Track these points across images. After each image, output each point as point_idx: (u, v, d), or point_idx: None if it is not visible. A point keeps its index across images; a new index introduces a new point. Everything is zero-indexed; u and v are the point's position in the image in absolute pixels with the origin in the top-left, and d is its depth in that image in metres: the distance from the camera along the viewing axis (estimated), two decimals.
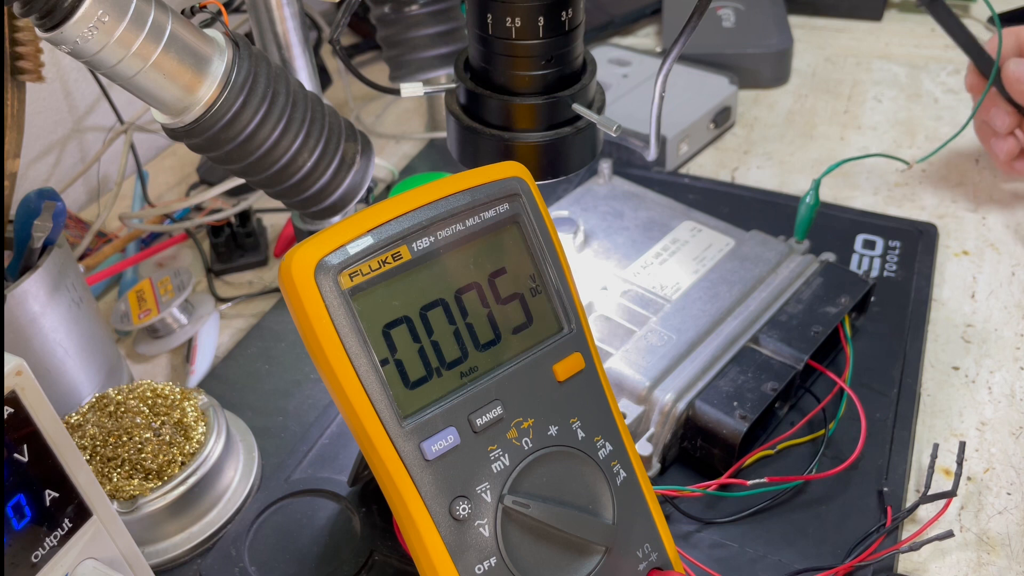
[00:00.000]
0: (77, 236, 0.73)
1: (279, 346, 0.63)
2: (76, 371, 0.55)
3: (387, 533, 0.48)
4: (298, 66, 0.55)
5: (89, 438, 0.48)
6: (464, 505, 0.34)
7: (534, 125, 0.45)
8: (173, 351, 0.64)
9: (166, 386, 0.51)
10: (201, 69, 0.42)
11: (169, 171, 0.86)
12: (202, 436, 0.49)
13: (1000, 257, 0.66)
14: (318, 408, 0.57)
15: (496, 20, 0.42)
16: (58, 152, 0.83)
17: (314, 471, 0.52)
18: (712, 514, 0.48)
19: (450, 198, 0.36)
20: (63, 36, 0.38)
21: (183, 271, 0.66)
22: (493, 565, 0.35)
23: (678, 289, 0.57)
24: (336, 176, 0.50)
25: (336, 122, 0.50)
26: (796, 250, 0.60)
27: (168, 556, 0.49)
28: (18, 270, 0.51)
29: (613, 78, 0.83)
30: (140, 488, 0.47)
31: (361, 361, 0.33)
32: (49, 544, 0.35)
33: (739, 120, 0.84)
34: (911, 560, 0.46)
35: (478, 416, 0.35)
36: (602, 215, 0.64)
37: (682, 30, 0.41)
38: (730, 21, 0.92)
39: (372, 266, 0.34)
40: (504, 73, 0.44)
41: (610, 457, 0.38)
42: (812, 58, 0.94)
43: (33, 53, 0.51)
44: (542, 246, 0.37)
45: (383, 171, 0.80)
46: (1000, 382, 0.56)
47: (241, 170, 0.47)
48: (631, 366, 0.51)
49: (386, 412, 0.34)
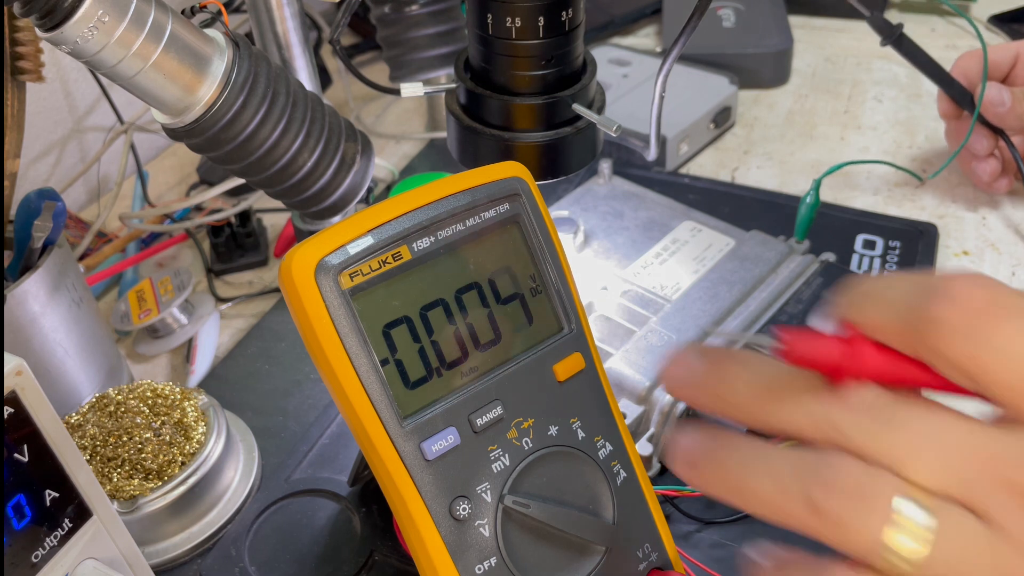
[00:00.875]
0: (77, 236, 0.73)
1: (279, 346, 0.63)
2: (76, 371, 0.55)
3: (387, 533, 0.48)
4: (298, 66, 0.55)
5: (89, 438, 0.48)
6: (464, 505, 0.34)
7: (534, 125, 0.45)
8: (173, 351, 0.64)
9: (166, 386, 0.51)
10: (201, 69, 0.42)
11: (169, 171, 0.86)
12: (202, 436, 0.49)
13: (1000, 257, 0.66)
14: (318, 408, 0.57)
15: (496, 20, 0.42)
16: (58, 152, 0.83)
17: (314, 471, 0.52)
18: (712, 514, 0.48)
19: (450, 198, 0.36)
20: (63, 36, 0.38)
21: (183, 271, 0.66)
22: (493, 565, 0.35)
23: (678, 289, 0.57)
24: (336, 176, 0.50)
25: (336, 122, 0.50)
26: (796, 250, 0.60)
27: (168, 556, 0.49)
28: (18, 270, 0.51)
29: (613, 78, 0.83)
30: (140, 488, 0.47)
31: (361, 361, 0.33)
32: (49, 544, 0.35)
33: (739, 120, 0.84)
34: None
35: (478, 416, 0.35)
36: (602, 215, 0.64)
37: (682, 30, 0.41)
38: (730, 21, 0.92)
39: (372, 266, 0.34)
40: (504, 73, 0.44)
41: (610, 457, 0.38)
42: (812, 58, 0.94)
43: (33, 53, 0.51)
44: (542, 246, 0.37)
45: (383, 171, 0.80)
46: None
47: (241, 170, 0.47)
48: (631, 366, 0.51)
49: (386, 412, 0.34)
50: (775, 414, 0.26)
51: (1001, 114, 0.65)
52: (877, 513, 0.23)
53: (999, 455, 0.24)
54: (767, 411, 0.26)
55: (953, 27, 0.97)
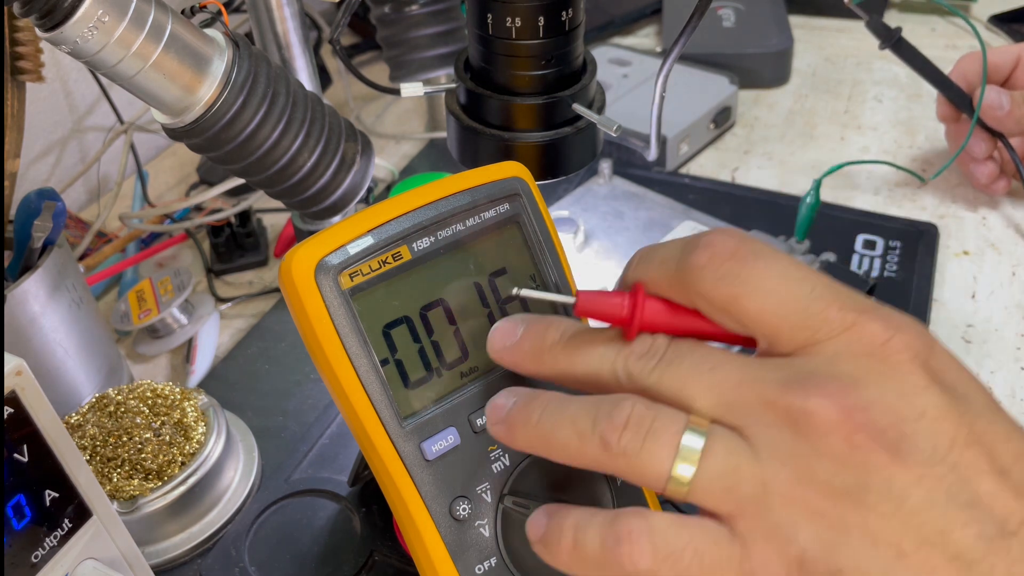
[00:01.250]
0: (77, 236, 0.73)
1: (279, 346, 0.63)
2: (76, 371, 0.55)
3: (387, 533, 0.48)
4: (298, 66, 0.55)
5: (89, 438, 0.48)
6: (464, 505, 0.34)
7: (534, 125, 0.45)
8: (173, 351, 0.64)
9: (166, 386, 0.51)
10: (201, 69, 0.42)
11: (169, 171, 0.86)
12: (202, 436, 0.49)
13: (1000, 257, 0.66)
14: (318, 408, 0.57)
15: (496, 20, 0.42)
16: (58, 152, 0.83)
17: (314, 471, 0.52)
18: None
19: (450, 198, 0.36)
20: (63, 36, 0.38)
21: (183, 271, 0.66)
22: (493, 565, 0.35)
23: None
24: (336, 176, 0.50)
25: (336, 122, 0.50)
26: (796, 250, 0.60)
27: (168, 556, 0.49)
28: (18, 270, 0.51)
29: (613, 78, 0.83)
30: (140, 488, 0.47)
31: (361, 361, 0.33)
32: (49, 544, 0.35)
33: (739, 120, 0.84)
34: None
35: (478, 416, 0.35)
36: (602, 215, 0.64)
37: (682, 30, 0.41)
38: (730, 21, 0.92)
39: (372, 266, 0.34)
40: (504, 73, 0.44)
41: None
42: (812, 58, 0.94)
43: (33, 53, 0.51)
44: (542, 246, 0.37)
45: (383, 171, 0.80)
46: (1001, 382, 0.56)
47: (241, 170, 0.47)
48: None
49: (386, 412, 0.34)
50: (577, 364, 0.30)
51: (999, 117, 0.65)
52: (660, 443, 0.27)
53: (759, 379, 0.27)
54: (571, 362, 0.30)
55: (953, 27, 0.97)
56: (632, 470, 0.27)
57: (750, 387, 0.27)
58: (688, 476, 0.26)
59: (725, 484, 0.26)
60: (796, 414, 0.26)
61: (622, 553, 0.27)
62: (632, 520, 0.27)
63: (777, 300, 0.27)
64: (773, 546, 0.26)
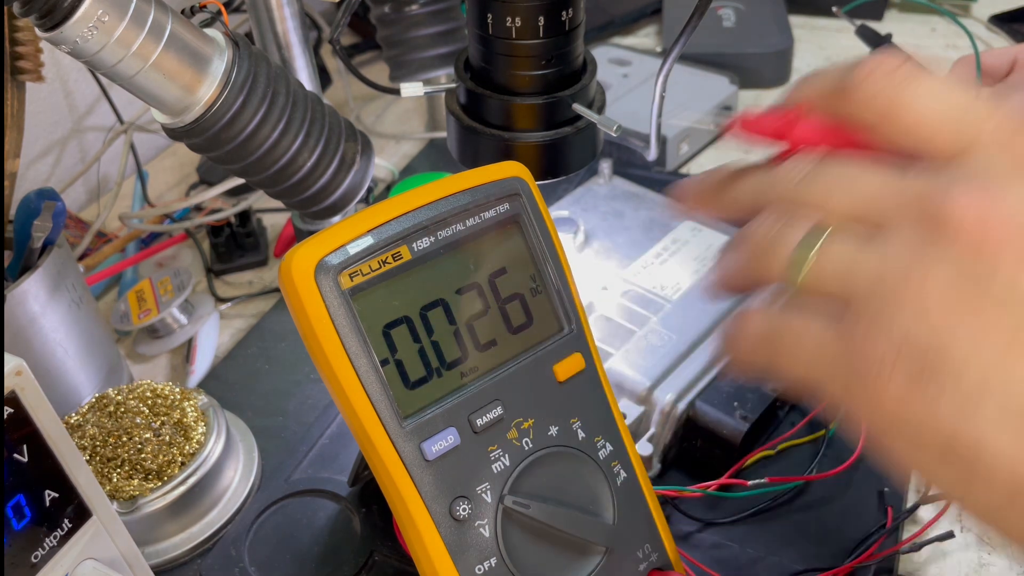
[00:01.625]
0: (77, 236, 0.73)
1: (279, 346, 0.63)
2: (76, 371, 0.55)
3: (387, 533, 0.48)
4: (298, 66, 0.55)
5: (89, 438, 0.48)
6: (464, 505, 0.34)
7: (534, 125, 0.45)
8: (173, 351, 0.64)
9: (166, 386, 0.51)
10: (201, 69, 0.42)
11: (169, 171, 0.86)
12: (202, 436, 0.49)
13: None
14: (318, 408, 0.57)
15: (496, 20, 0.42)
16: (58, 152, 0.83)
17: (314, 471, 0.52)
18: (713, 514, 0.48)
19: (450, 198, 0.36)
20: (63, 36, 0.38)
21: (183, 271, 0.66)
22: (493, 565, 0.35)
23: (679, 289, 0.57)
24: (336, 176, 0.50)
25: (336, 122, 0.50)
26: None
27: (168, 556, 0.49)
28: (18, 270, 0.51)
29: (613, 78, 0.83)
30: (140, 488, 0.47)
31: (361, 361, 0.33)
32: (49, 544, 0.35)
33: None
34: (912, 561, 0.46)
35: (478, 416, 0.35)
36: (602, 215, 0.64)
37: (682, 30, 0.41)
38: (730, 21, 0.92)
39: (372, 266, 0.34)
40: (504, 73, 0.44)
41: (610, 457, 0.38)
42: (812, 58, 0.94)
43: (33, 53, 0.51)
44: (542, 246, 0.37)
45: (383, 171, 0.80)
46: None
47: (241, 170, 0.47)
48: (631, 366, 0.51)
49: (386, 412, 0.34)
50: (743, 191, 0.31)
51: None
52: (794, 229, 0.28)
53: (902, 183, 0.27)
54: (739, 189, 0.31)
55: (953, 27, 0.97)
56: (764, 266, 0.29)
57: (892, 190, 0.27)
58: (808, 255, 0.27)
59: (842, 268, 0.27)
60: (933, 213, 0.26)
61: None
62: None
63: (937, 104, 0.28)
64: (879, 326, 0.26)
